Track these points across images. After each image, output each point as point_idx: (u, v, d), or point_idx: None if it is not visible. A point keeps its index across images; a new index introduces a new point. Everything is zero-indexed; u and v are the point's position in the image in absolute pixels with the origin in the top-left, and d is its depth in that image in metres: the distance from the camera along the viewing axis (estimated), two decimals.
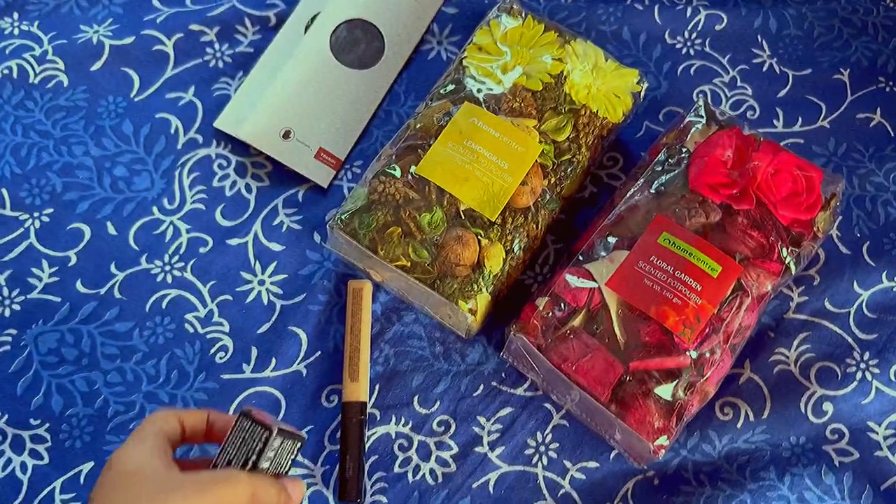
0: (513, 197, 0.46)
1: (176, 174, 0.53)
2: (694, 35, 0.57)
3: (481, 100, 0.48)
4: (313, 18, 0.55)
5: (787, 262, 0.46)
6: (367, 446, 0.48)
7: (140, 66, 0.55)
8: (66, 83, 0.55)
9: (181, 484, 0.34)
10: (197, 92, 0.55)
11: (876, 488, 0.47)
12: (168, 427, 0.36)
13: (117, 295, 0.51)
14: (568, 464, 0.48)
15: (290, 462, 0.37)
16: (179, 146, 0.54)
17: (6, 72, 0.55)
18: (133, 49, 0.56)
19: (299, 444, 0.37)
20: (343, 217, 0.46)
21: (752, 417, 0.49)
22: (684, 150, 0.49)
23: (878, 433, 0.48)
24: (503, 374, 0.49)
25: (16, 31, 0.56)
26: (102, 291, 0.51)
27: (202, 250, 0.52)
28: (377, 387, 0.49)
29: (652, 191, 0.48)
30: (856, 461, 0.48)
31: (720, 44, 0.57)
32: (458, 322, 0.47)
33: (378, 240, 0.46)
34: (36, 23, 0.56)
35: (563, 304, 0.46)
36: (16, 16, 0.56)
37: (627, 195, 0.48)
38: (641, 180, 0.48)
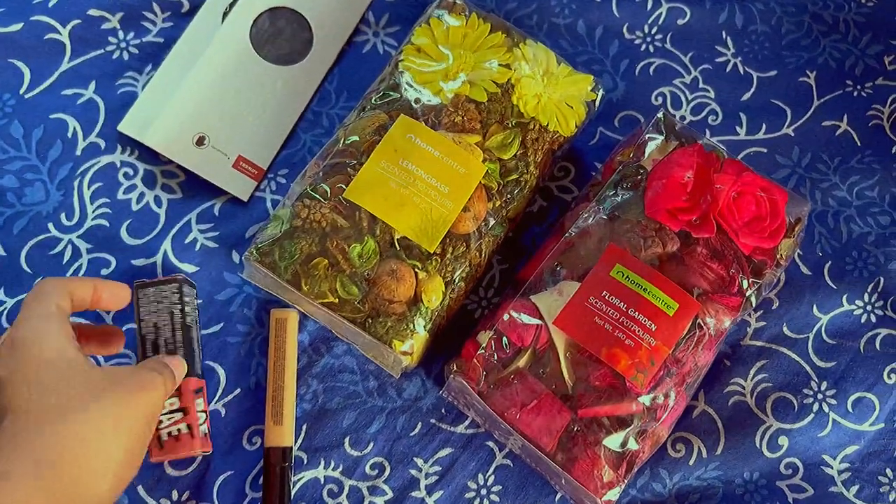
0: (454, 224, 0.42)
1: (75, 185, 0.47)
2: (654, 30, 0.53)
3: (419, 112, 0.43)
4: (231, 5, 0.49)
5: (747, 294, 0.43)
6: (292, 494, 0.44)
7: (30, 57, 0.48)
8: None
9: (110, 384, 0.33)
10: (98, 88, 0.48)
11: None
12: (63, 301, 0.35)
13: (6, 324, 0.45)
14: None
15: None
16: (78, 152, 0.47)
17: None
18: (21, 37, 0.48)
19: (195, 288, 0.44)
20: (261, 247, 0.41)
21: (705, 454, 0.46)
22: (641, 170, 0.44)
23: (832, 467, 0.46)
24: (442, 411, 0.46)
25: None
26: None
27: (105, 272, 0.46)
28: (304, 427, 0.45)
29: (605, 215, 0.43)
30: (810, 497, 0.46)
31: (682, 40, 0.53)
32: (391, 363, 0.43)
33: (301, 273, 0.41)
34: None
35: (506, 344, 0.42)
36: None
37: (579, 219, 0.44)
38: (594, 202, 0.44)
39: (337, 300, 0.40)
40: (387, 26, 0.51)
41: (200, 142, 0.47)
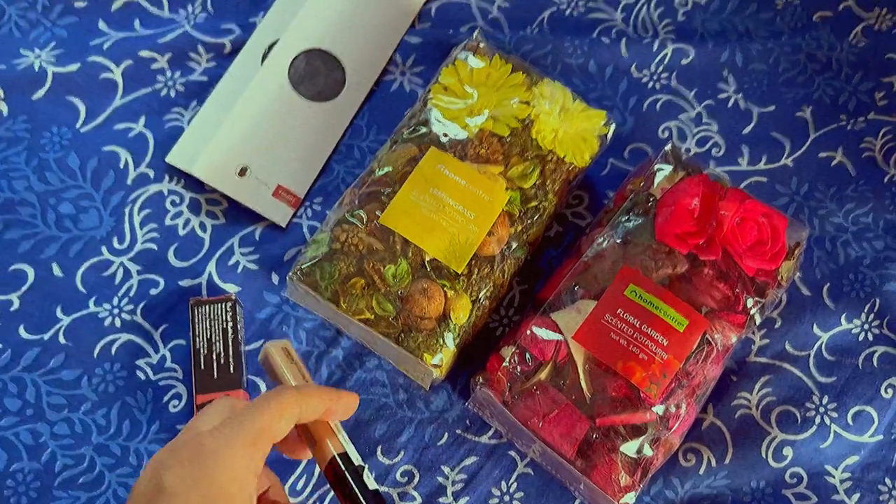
0: (479, 247, 0.45)
1: (126, 211, 0.51)
2: (660, 69, 0.57)
3: (447, 145, 0.47)
4: (271, 47, 0.53)
5: (751, 313, 0.46)
6: (329, 501, 0.47)
7: (86, 94, 0.53)
8: (5, 112, 0.52)
9: None
10: (147, 123, 0.52)
11: None
12: (285, 427, 0.30)
13: (63, 340, 0.48)
14: None
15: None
16: (129, 181, 0.51)
17: None
18: (78, 76, 0.53)
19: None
20: (304, 268, 0.45)
21: (714, 463, 0.49)
22: (651, 197, 0.48)
23: (834, 477, 0.49)
24: (468, 422, 0.49)
25: None
26: (47, 337, 0.48)
27: (153, 292, 0.50)
28: None
29: (618, 240, 0.47)
30: None
31: (686, 78, 0.57)
32: (421, 375, 0.46)
33: (340, 292, 0.44)
34: None
35: (528, 357, 0.45)
36: None
37: (594, 243, 0.47)
38: (608, 228, 0.48)
39: (373, 316, 0.44)
40: (413, 66, 0.56)
41: (242, 172, 0.51)
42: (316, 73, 0.53)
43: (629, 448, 0.43)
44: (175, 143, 0.51)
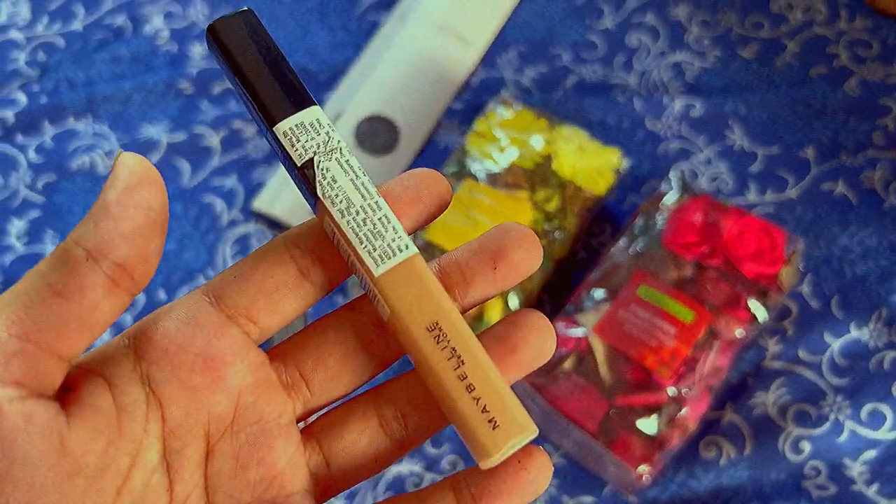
0: None
1: (219, 248, 0.61)
2: (671, 119, 0.65)
3: (480, 178, 0.56)
4: (338, 116, 0.65)
5: (753, 310, 0.52)
6: (383, 486, 0.53)
7: (190, 157, 0.65)
8: None
9: None
10: (238, 179, 0.64)
11: None
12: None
13: None
14: (566, 498, 0.53)
15: None
16: (223, 225, 0.62)
17: (80, 165, 0.64)
18: (185, 143, 0.65)
19: None
20: None
21: (734, 455, 0.53)
22: (659, 215, 0.56)
23: (853, 469, 0.53)
24: None
25: (90, 131, 0.66)
26: None
27: None
28: None
29: (631, 252, 0.54)
30: (834, 495, 0.52)
31: (695, 127, 0.65)
32: None
33: None
34: (107, 124, 0.66)
35: (555, 349, 0.52)
36: (90, 118, 0.66)
37: (610, 254, 0.55)
38: (621, 242, 0.55)
39: None
40: (457, 127, 0.66)
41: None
42: (376, 133, 0.64)
43: (644, 423, 0.49)
44: (259, 193, 0.62)
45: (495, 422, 0.20)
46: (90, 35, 0.69)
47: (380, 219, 0.22)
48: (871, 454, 0.53)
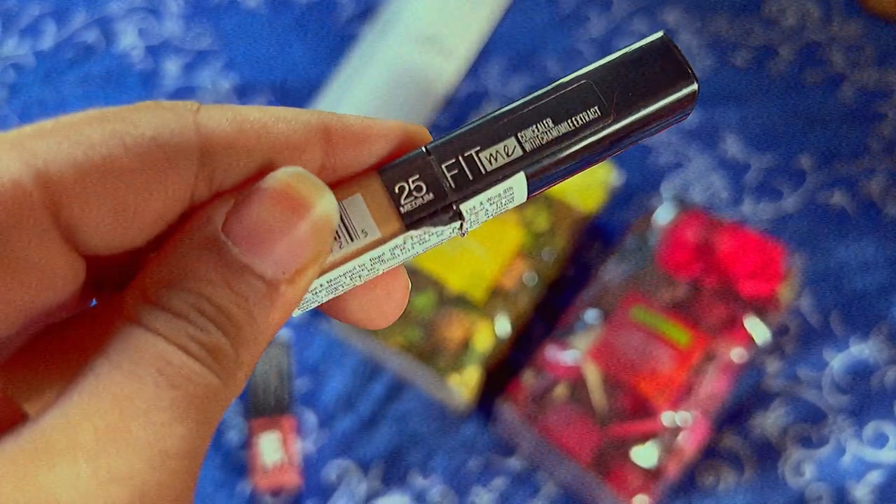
0: (497, 280, 0.51)
1: None
2: (662, 132, 0.63)
3: None
4: None
5: (751, 331, 0.50)
6: None
7: None
8: None
9: None
10: None
11: None
12: None
13: None
14: None
15: None
16: None
17: None
18: None
19: None
20: None
21: (733, 482, 0.51)
22: (651, 233, 0.54)
23: (857, 492, 0.51)
24: (497, 447, 0.53)
25: None
26: None
27: None
28: (382, 463, 0.53)
29: (622, 272, 0.52)
30: None
31: (687, 138, 0.63)
32: (451, 397, 0.51)
33: None
34: None
35: (545, 376, 0.50)
36: None
37: (601, 274, 0.53)
38: (612, 262, 0.53)
39: (404, 341, 0.50)
40: None
41: None
42: None
43: (640, 453, 0.47)
44: None
45: None
46: (61, 53, 0.67)
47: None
48: (875, 476, 0.51)
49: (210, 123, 0.14)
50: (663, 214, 0.54)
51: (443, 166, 0.17)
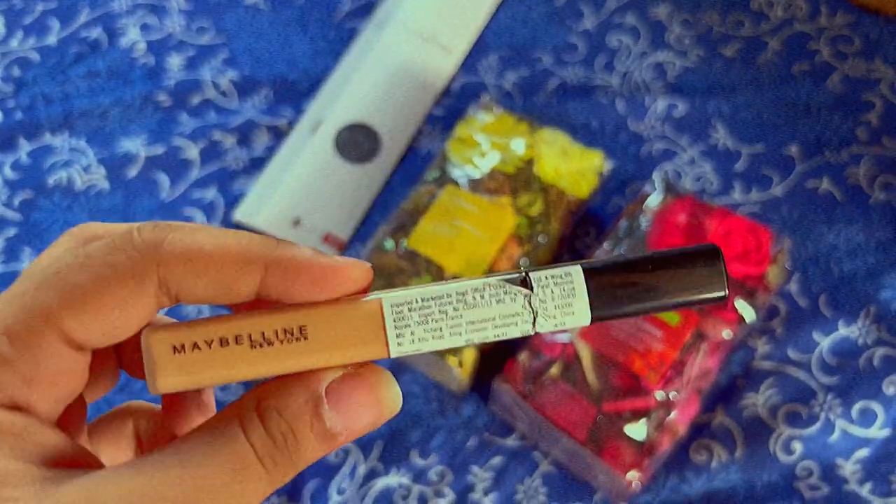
0: (493, 263, 0.53)
1: None
2: (654, 121, 0.65)
3: (462, 183, 0.56)
4: (318, 124, 0.64)
5: (740, 312, 0.52)
6: (371, 498, 0.52)
7: (170, 170, 0.64)
8: (108, 189, 0.63)
9: None
10: (218, 190, 0.63)
11: None
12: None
13: None
14: None
15: None
16: None
17: (57, 181, 0.64)
18: (164, 157, 0.64)
19: None
20: None
21: (725, 458, 0.53)
22: (643, 217, 0.55)
23: (845, 468, 0.52)
24: (494, 427, 0.54)
25: (67, 146, 0.65)
26: None
27: None
28: (381, 443, 0.54)
29: (615, 252, 0.54)
30: (826, 495, 0.51)
31: (678, 128, 0.65)
32: (448, 377, 0.52)
33: None
34: (84, 138, 0.65)
35: (541, 356, 0.51)
36: (67, 133, 0.65)
37: (594, 258, 0.54)
38: (605, 245, 0.54)
39: None
40: (439, 134, 0.65)
41: (297, 223, 0.60)
42: (357, 142, 0.63)
43: (633, 429, 0.48)
44: (240, 204, 0.62)
45: None
46: (66, 49, 0.69)
47: None
48: (863, 453, 0.52)
49: (168, 261, 0.19)
50: (654, 199, 0.56)
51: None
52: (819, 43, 0.68)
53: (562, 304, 0.21)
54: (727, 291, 0.21)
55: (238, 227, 0.62)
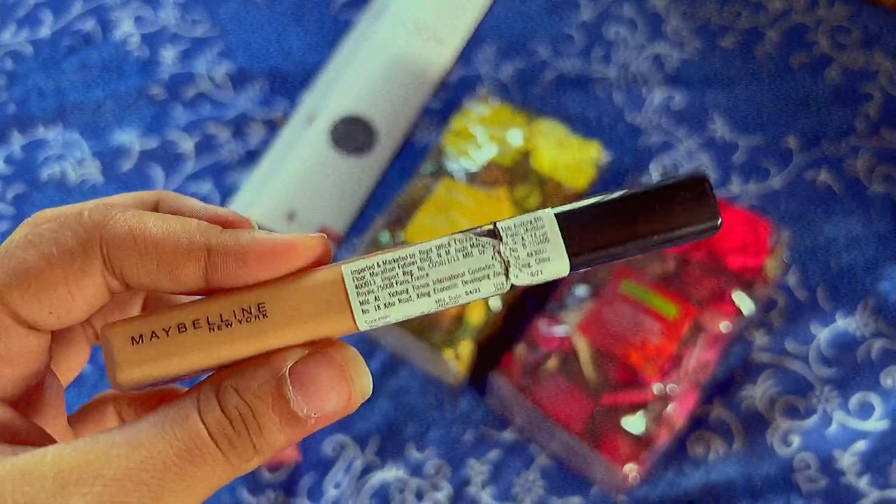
0: None
1: None
2: (651, 112, 0.65)
3: (458, 177, 0.55)
4: (314, 116, 0.64)
5: (738, 304, 0.51)
6: (368, 492, 0.52)
7: (165, 164, 0.63)
8: (101, 182, 0.63)
9: None
10: (213, 184, 0.63)
11: None
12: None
13: None
14: (554, 499, 0.52)
15: None
16: None
17: (51, 175, 0.63)
18: (159, 150, 0.64)
19: None
20: None
21: (723, 451, 0.52)
22: None
23: (843, 461, 0.52)
24: (491, 420, 0.54)
25: (60, 140, 0.64)
26: None
27: None
28: (378, 437, 0.54)
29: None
30: (824, 487, 0.51)
31: (676, 119, 0.64)
32: (445, 370, 0.52)
33: None
34: (77, 132, 0.65)
35: (538, 350, 0.51)
36: (60, 126, 0.65)
37: None
38: None
39: None
40: (435, 127, 0.65)
41: (291, 216, 0.60)
42: (352, 134, 0.63)
43: (630, 422, 0.48)
44: (235, 197, 0.61)
45: None
46: (59, 42, 0.68)
47: None
48: (860, 445, 0.52)
49: (111, 237, 0.19)
50: None
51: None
52: (817, 34, 0.67)
53: (535, 252, 0.19)
54: (719, 220, 0.20)
55: None
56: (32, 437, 0.19)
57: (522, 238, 0.19)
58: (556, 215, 0.19)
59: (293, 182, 0.61)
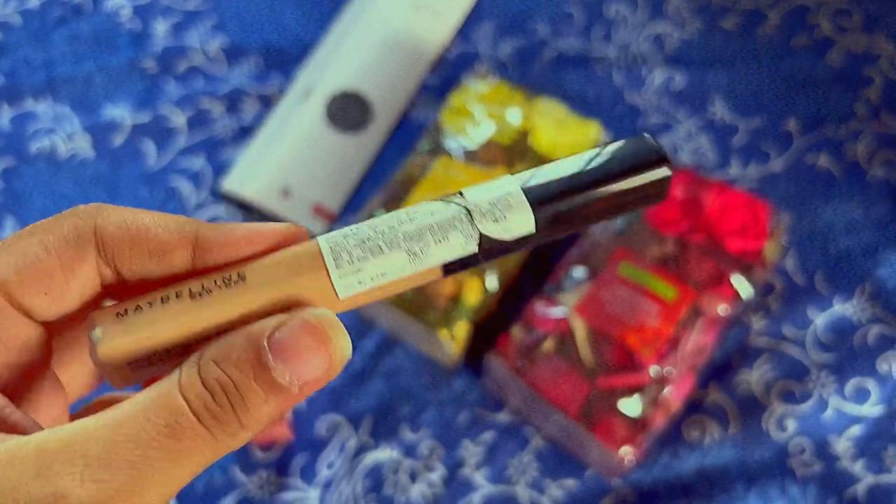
0: None
1: None
2: (651, 93, 0.64)
3: (456, 155, 0.54)
4: (310, 92, 0.62)
5: (737, 287, 0.51)
6: (362, 473, 0.52)
7: (157, 139, 0.62)
8: (93, 156, 0.62)
9: None
10: (206, 160, 0.62)
11: (839, 497, 0.50)
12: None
13: None
14: (549, 481, 0.51)
15: None
16: (192, 207, 0.60)
17: (40, 148, 0.62)
18: (151, 125, 0.63)
19: None
20: None
21: (718, 436, 0.52)
22: None
23: (838, 446, 0.52)
24: (486, 402, 0.54)
25: (50, 113, 0.63)
26: None
27: None
28: (372, 418, 0.53)
29: (611, 229, 0.53)
30: (819, 472, 0.51)
31: (676, 100, 0.64)
32: (441, 350, 0.52)
33: None
34: (68, 105, 0.63)
35: (534, 331, 0.50)
36: (50, 99, 0.64)
37: (590, 232, 0.53)
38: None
39: (395, 297, 0.50)
40: (432, 104, 0.64)
41: (286, 193, 0.59)
42: (348, 110, 0.62)
43: (626, 405, 0.47)
44: (229, 173, 0.60)
45: None
46: (48, 13, 0.67)
47: None
48: (856, 430, 0.52)
49: (105, 226, 0.19)
50: None
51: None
52: (819, 16, 0.66)
53: (497, 200, 0.21)
54: (671, 169, 0.22)
55: (226, 196, 0.60)
56: (23, 426, 0.19)
57: (486, 194, 0.21)
58: (516, 176, 0.21)
59: (288, 158, 0.60)
